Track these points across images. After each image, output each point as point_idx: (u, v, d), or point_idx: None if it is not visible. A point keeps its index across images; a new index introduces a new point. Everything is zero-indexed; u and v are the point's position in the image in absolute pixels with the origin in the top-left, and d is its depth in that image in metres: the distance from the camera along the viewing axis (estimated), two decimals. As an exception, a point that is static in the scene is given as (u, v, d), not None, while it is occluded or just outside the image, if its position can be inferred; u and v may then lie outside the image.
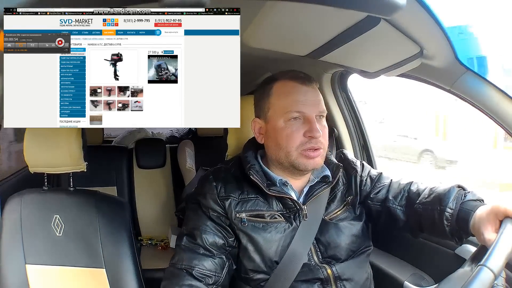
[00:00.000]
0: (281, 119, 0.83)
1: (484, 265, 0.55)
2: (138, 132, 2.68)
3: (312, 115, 0.82)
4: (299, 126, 0.82)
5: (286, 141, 0.82)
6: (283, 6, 0.65)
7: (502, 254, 0.57)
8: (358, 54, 0.88)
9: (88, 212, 1.05)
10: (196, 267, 0.80)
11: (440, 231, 0.78)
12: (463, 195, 0.77)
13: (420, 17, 0.66)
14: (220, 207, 0.85)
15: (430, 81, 0.90)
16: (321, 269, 0.84)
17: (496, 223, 0.66)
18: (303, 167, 0.83)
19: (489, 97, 0.79)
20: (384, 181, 0.93)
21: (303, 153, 0.82)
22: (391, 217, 0.89)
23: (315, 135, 0.81)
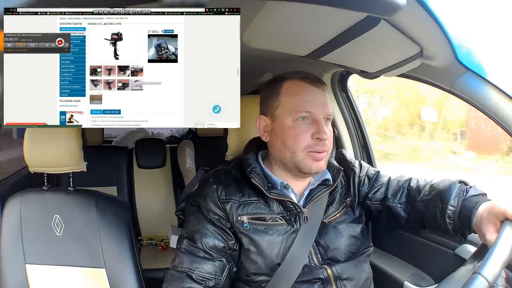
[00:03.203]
0: (289, 118, 0.83)
1: (479, 274, 0.55)
2: (138, 132, 2.68)
3: (320, 116, 0.82)
4: (307, 127, 0.82)
5: (293, 140, 0.82)
6: (283, 6, 0.65)
7: (498, 261, 0.56)
8: (358, 54, 0.88)
9: (88, 212, 1.06)
10: (196, 270, 0.80)
11: (442, 228, 0.77)
12: (464, 191, 0.76)
13: (420, 17, 0.66)
14: (221, 210, 0.84)
15: (430, 81, 0.90)
16: (321, 269, 0.84)
17: (497, 223, 0.65)
18: (307, 169, 0.83)
19: (489, 97, 0.79)
20: (382, 179, 0.92)
21: (309, 154, 0.81)
22: (392, 215, 0.88)
23: (322, 137, 0.81)
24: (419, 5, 0.63)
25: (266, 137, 0.88)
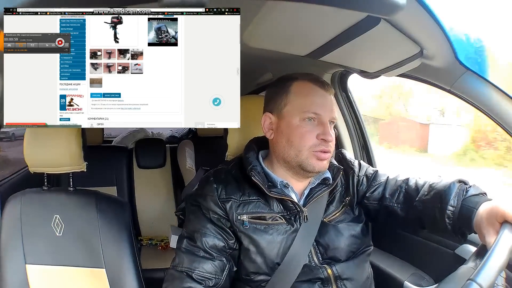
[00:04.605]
0: (297, 117, 0.83)
1: (474, 281, 0.54)
2: (138, 132, 2.69)
3: (327, 119, 0.83)
4: (313, 127, 0.83)
5: (299, 139, 0.83)
6: (283, 6, 0.65)
7: (494, 267, 0.56)
8: (358, 54, 0.88)
9: (88, 212, 1.05)
10: (196, 270, 0.80)
11: (442, 228, 0.77)
12: (464, 191, 0.75)
13: (420, 17, 0.66)
14: (221, 209, 0.85)
15: (430, 81, 0.90)
16: (321, 269, 0.84)
17: (496, 225, 0.65)
18: (311, 168, 0.83)
19: (489, 97, 0.79)
20: (380, 178, 0.92)
21: (314, 153, 0.82)
22: (389, 215, 0.89)
23: (327, 138, 0.82)
24: (419, 5, 0.63)
25: (271, 134, 0.88)
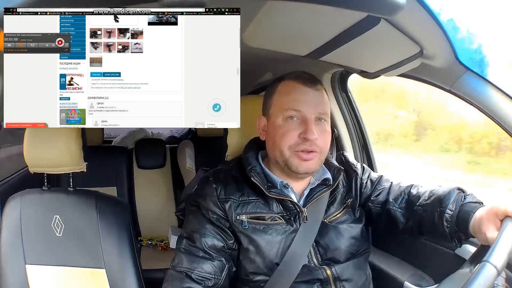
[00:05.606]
0: (280, 117, 0.83)
1: (487, 261, 0.55)
2: (138, 133, 2.68)
3: (311, 116, 0.82)
4: (296, 126, 0.82)
5: (280, 139, 0.83)
6: (283, 6, 0.65)
7: (504, 250, 0.57)
8: (358, 54, 0.88)
9: (88, 212, 1.05)
10: (196, 270, 0.80)
11: (440, 232, 0.78)
12: (462, 197, 0.78)
13: (420, 17, 0.66)
14: (220, 210, 0.84)
15: (430, 81, 0.90)
16: (320, 270, 0.84)
17: (497, 222, 0.66)
18: (294, 168, 0.83)
19: (489, 97, 0.79)
20: (385, 183, 0.93)
21: (296, 153, 0.82)
22: (391, 219, 0.89)
23: (308, 137, 0.80)
24: (419, 5, 0.63)
25: (263, 136, 0.89)
